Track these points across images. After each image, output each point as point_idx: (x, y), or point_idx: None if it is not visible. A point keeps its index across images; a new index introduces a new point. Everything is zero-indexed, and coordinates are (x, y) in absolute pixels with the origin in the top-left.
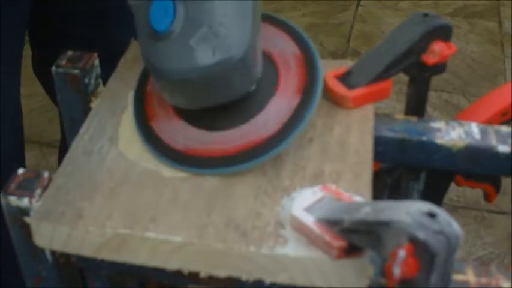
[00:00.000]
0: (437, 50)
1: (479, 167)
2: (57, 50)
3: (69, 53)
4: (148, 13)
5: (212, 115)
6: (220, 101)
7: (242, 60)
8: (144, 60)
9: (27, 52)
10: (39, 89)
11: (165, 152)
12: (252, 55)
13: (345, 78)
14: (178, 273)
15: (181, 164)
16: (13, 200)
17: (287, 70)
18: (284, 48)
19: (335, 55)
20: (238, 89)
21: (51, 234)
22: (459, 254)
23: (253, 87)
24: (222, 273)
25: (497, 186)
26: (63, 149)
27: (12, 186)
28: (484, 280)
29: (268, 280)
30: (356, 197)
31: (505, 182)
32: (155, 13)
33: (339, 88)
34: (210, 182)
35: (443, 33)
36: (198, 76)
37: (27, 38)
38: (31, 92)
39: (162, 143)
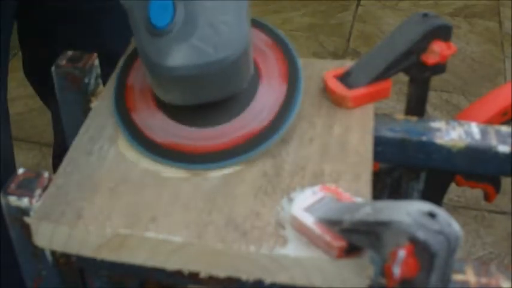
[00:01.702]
0: (437, 50)
1: (479, 167)
2: (47, 51)
3: (69, 53)
4: (147, 10)
5: (201, 112)
6: (217, 98)
7: (242, 57)
8: (141, 56)
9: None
10: None
11: (152, 148)
12: (250, 52)
13: (344, 78)
14: (178, 273)
15: (172, 160)
16: (13, 200)
17: (264, 58)
18: (255, 40)
19: (335, 55)
20: (236, 85)
21: (51, 234)
22: (459, 254)
23: (247, 83)
24: (221, 273)
25: (497, 186)
26: (56, 152)
27: (12, 186)
28: (484, 280)
29: (268, 280)
30: (356, 197)
31: (505, 182)
32: (154, 9)
33: (339, 88)
34: (210, 182)
35: (443, 33)
36: (199, 73)
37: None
38: (31, 92)
39: (150, 139)
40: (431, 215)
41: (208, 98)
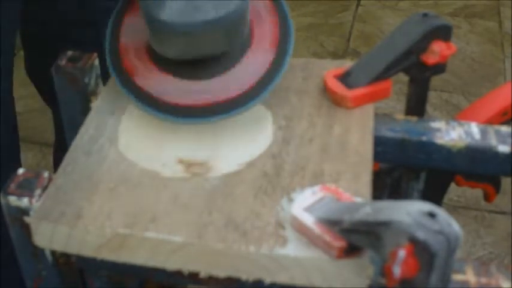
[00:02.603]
0: (437, 50)
1: (479, 167)
2: (48, 51)
3: (69, 53)
4: None
5: (194, 65)
6: (214, 53)
7: (240, 15)
8: (146, 15)
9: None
10: None
11: (151, 104)
12: (247, 12)
13: (344, 78)
14: (178, 273)
15: (171, 115)
16: (13, 200)
17: (259, 19)
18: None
19: (335, 55)
20: (233, 41)
21: (51, 234)
22: (459, 254)
23: (243, 40)
24: (221, 273)
25: (497, 186)
26: (57, 151)
27: (12, 186)
28: (484, 280)
29: (268, 280)
30: (356, 197)
31: (505, 182)
32: None
33: (339, 88)
34: (210, 181)
35: (443, 33)
36: (199, 29)
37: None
38: (31, 92)
39: (147, 95)
40: (431, 215)
41: (205, 52)
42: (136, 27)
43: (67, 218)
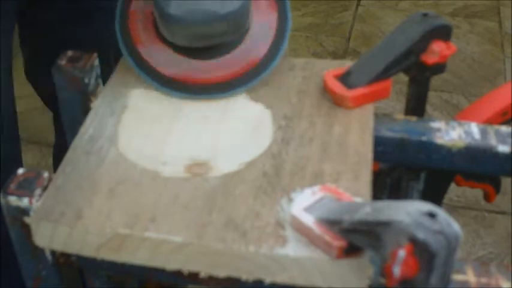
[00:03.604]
0: (437, 50)
1: (479, 167)
2: (47, 52)
3: (69, 53)
4: None
5: (202, 48)
6: (219, 42)
7: (244, 8)
8: (159, 10)
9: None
10: None
11: (159, 79)
12: (250, 6)
13: (344, 78)
14: (178, 273)
15: (176, 90)
16: (13, 200)
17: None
18: None
19: (335, 55)
20: (239, 31)
21: (51, 234)
22: (459, 254)
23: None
24: (221, 273)
25: (497, 186)
26: (57, 152)
27: (12, 186)
28: (484, 280)
29: (268, 280)
30: (356, 197)
31: (505, 182)
32: None
33: (339, 88)
34: (209, 182)
35: (443, 33)
36: (207, 24)
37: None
38: (31, 92)
39: (156, 72)
40: (431, 215)
41: (211, 43)
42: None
43: (67, 218)
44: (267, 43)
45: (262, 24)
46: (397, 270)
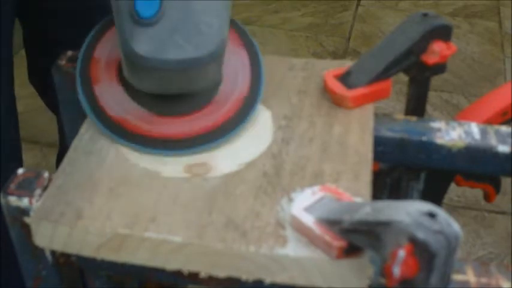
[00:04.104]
0: (437, 50)
1: (479, 167)
2: (48, 54)
3: (69, 53)
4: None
5: (167, 101)
6: (189, 91)
7: (219, 54)
8: (122, 45)
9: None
10: None
11: (106, 121)
12: (225, 49)
13: (344, 78)
14: (178, 273)
15: (148, 147)
16: (13, 200)
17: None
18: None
19: (335, 55)
20: (211, 79)
21: (51, 234)
22: (459, 254)
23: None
24: (221, 273)
25: (497, 186)
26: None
27: (12, 186)
28: (484, 280)
29: (268, 280)
30: (356, 197)
31: (505, 182)
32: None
33: (339, 88)
34: (209, 182)
35: (443, 33)
36: (179, 67)
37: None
38: (31, 92)
39: (106, 113)
40: (431, 215)
41: (180, 90)
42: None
43: (67, 218)
44: (245, 86)
45: (235, 68)
46: (397, 270)
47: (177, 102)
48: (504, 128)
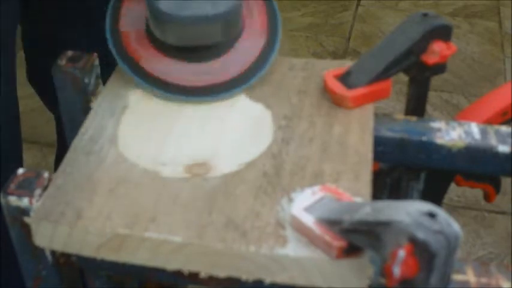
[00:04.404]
0: (437, 50)
1: (479, 167)
2: (48, 55)
3: (69, 53)
4: None
5: (194, 50)
6: (211, 42)
7: (235, 13)
8: (152, 10)
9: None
10: None
11: (161, 86)
12: (241, 8)
13: (344, 78)
14: (178, 273)
15: (173, 92)
16: (13, 200)
17: (249, 10)
18: None
19: (335, 55)
20: (231, 32)
21: (51, 234)
22: (459, 254)
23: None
24: (221, 273)
25: (497, 186)
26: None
27: (12, 186)
28: (484, 280)
29: (268, 280)
30: (356, 197)
31: (505, 182)
32: None
33: (339, 88)
34: (209, 182)
35: (443, 33)
36: (199, 23)
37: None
38: (31, 92)
39: (155, 77)
40: (431, 215)
41: (203, 42)
42: (135, 13)
43: (67, 218)
44: (260, 44)
45: (253, 26)
46: (397, 270)
47: (200, 51)
48: (504, 128)
